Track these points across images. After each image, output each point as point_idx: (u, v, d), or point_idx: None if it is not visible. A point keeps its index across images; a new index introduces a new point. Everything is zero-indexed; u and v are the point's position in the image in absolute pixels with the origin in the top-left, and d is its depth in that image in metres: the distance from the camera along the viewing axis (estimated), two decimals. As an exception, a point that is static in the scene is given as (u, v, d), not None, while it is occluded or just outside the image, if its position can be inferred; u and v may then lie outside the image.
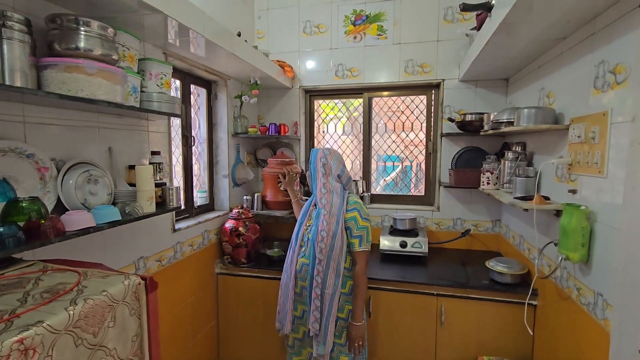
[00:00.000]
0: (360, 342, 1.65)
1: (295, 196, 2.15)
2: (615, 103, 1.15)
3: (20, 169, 1.07)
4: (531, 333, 1.72)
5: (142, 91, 1.42)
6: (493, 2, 1.48)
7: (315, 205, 1.74)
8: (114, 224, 1.19)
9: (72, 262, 0.98)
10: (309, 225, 1.73)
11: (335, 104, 2.90)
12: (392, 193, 2.80)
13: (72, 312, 0.68)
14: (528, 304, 1.68)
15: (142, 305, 0.85)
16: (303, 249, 1.71)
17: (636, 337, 1.04)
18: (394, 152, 2.78)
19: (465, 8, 1.56)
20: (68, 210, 1.16)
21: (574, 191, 1.39)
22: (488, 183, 2.04)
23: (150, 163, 1.58)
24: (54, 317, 0.65)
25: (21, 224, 0.94)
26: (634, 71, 1.07)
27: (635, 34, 1.06)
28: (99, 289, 0.77)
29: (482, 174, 2.07)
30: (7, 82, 0.94)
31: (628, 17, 1.09)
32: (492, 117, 1.97)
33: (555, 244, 1.42)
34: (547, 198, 1.56)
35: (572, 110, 1.44)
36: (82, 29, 1.08)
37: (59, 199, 1.16)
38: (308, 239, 1.70)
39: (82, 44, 1.07)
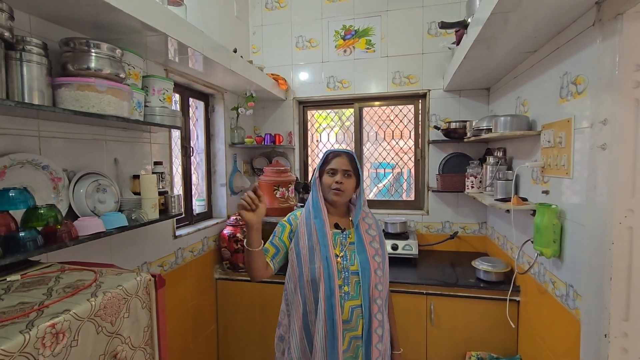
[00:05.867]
0: None
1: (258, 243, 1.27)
2: (577, 111, 1.28)
3: (36, 179, 1.17)
4: (513, 326, 1.82)
5: (146, 106, 1.53)
6: (468, 20, 1.61)
7: (338, 226, 1.34)
8: (121, 229, 1.29)
9: (86, 263, 1.06)
10: (342, 256, 1.29)
11: (328, 114, 3.02)
12: (384, 199, 2.91)
13: (93, 303, 0.77)
14: (510, 299, 1.79)
15: (152, 299, 0.94)
16: (345, 288, 1.26)
17: (602, 323, 1.14)
18: (384, 159, 2.90)
19: (444, 26, 1.70)
20: (79, 217, 1.25)
21: (546, 192, 1.51)
22: (472, 187, 2.16)
23: (153, 172, 1.67)
24: (78, 307, 0.74)
25: (39, 229, 1.03)
26: (590, 82, 1.19)
27: (591, 49, 1.19)
28: (115, 284, 0.86)
29: (466, 178, 2.19)
30: (27, 100, 1.04)
31: (585, 34, 1.23)
32: (474, 124, 2.09)
33: (532, 242, 1.53)
34: (524, 199, 1.67)
35: (543, 118, 1.56)
36: (93, 50, 1.19)
37: (70, 207, 1.25)
38: (350, 272, 1.27)
39: (93, 65, 1.18)
